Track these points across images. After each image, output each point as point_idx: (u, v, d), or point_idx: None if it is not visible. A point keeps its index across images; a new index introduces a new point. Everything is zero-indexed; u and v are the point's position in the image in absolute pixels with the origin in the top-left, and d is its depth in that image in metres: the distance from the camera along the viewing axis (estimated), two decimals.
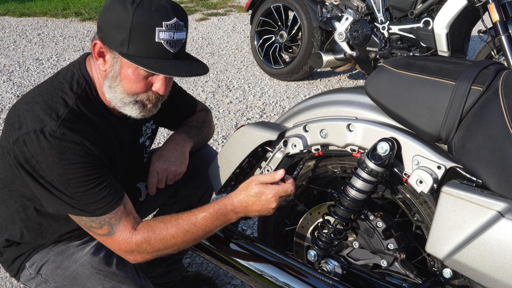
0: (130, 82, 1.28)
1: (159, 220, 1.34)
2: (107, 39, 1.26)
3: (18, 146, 1.24)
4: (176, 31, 1.24)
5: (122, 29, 1.22)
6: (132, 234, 1.31)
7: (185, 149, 1.62)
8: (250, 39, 4.63)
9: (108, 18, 1.25)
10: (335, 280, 1.35)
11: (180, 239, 1.32)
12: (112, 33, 1.24)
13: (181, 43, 1.27)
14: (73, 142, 1.24)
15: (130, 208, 1.35)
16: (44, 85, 1.35)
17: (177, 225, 1.32)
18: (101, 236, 1.33)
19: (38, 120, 1.24)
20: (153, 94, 1.32)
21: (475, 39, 5.17)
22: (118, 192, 1.32)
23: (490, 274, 1.03)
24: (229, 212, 1.33)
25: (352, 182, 1.29)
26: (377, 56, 3.62)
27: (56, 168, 1.24)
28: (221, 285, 2.05)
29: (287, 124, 1.49)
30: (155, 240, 1.31)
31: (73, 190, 1.26)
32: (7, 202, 1.44)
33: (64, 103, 1.28)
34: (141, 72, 1.27)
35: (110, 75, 1.30)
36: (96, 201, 1.28)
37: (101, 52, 1.29)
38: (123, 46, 1.23)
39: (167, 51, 1.24)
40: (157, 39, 1.22)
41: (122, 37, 1.22)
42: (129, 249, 1.32)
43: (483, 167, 1.05)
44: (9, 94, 4.10)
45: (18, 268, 1.48)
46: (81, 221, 1.32)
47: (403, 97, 1.21)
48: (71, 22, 6.77)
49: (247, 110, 3.78)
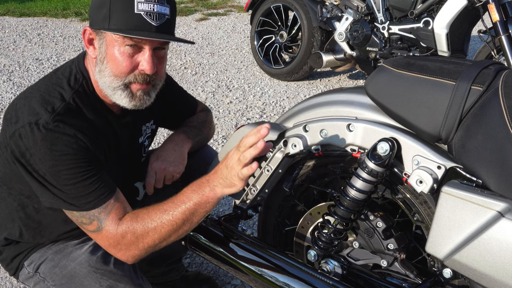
0: (116, 61, 1.29)
1: (140, 210, 1.32)
2: (93, 21, 1.30)
3: (14, 140, 1.25)
4: (156, 3, 1.27)
5: (103, 6, 1.27)
6: (117, 225, 1.30)
7: (184, 149, 1.62)
8: (250, 39, 4.63)
9: (94, 1, 1.31)
10: (335, 280, 1.35)
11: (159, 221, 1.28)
12: (95, 13, 1.29)
13: (164, 17, 1.29)
14: (66, 134, 1.24)
15: (122, 203, 1.34)
16: (43, 81, 1.36)
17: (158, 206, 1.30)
18: (91, 232, 1.32)
19: (33, 113, 1.25)
20: (140, 74, 1.32)
21: (475, 39, 5.17)
22: (109, 186, 1.31)
23: (490, 274, 1.03)
24: (203, 182, 1.29)
25: (352, 182, 1.29)
26: (377, 56, 3.62)
27: (48, 160, 1.24)
28: (221, 285, 2.05)
29: (287, 124, 1.49)
30: (137, 226, 1.28)
31: (63, 183, 1.26)
32: (6, 201, 1.44)
33: (61, 97, 1.29)
34: (125, 49, 1.28)
35: (98, 59, 1.32)
36: (86, 195, 1.27)
37: (91, 39, 1.33)
38: (105, 21, 1.26)
39: (148, 23, 1.26)
40: (136, 10, 1.25)
41: (103, 13, 1.26)
42: (115, 243, 1.30)
43: (483, 167, 1.05)
44: (9, 94, 4.10)
45: (17, 267, 1.48)
46: (73, 216, 1.32)
47: (403, 97, 1.21)
48: (71, 22, 6.77)
49: (247, 110, 3.78)
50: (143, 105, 1.37)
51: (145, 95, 1.35)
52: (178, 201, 1.29)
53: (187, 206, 1.28)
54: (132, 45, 1.27)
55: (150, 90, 1.36)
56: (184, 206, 1.28)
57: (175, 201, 1.30)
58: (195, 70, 4.69)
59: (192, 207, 1.29)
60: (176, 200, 1.30)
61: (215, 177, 1.28)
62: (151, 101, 1.39)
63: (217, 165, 1.29)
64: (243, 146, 1.21)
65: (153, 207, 1.31)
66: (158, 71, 1.35)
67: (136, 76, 1.32)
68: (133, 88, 1.33)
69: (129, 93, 1.33)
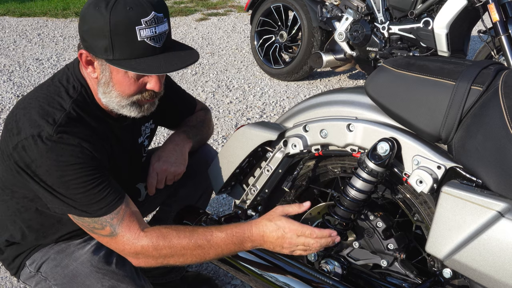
0: (123, 86, 1.28)
1: (172, 228, 1.31)
2: (91, 48, 1.24)
3: (17, 151, 1.25)
4: (157, 24, 1.22)
5: (102, 36, 1.20)
6: (138, 236, 1.29)
7: (185, 149, 1.62)
8: (250, 39, 4.63)
9: (87, 27, 1.23)
10: (335, 280, 1.35)
11: (189, 251, 1.29)
12: (94, 41, 1.22)
13: (165, 35, 1.25)
14: (71, 144, 1.24)
15: (134, 209, 1.34)
16: (41, 90, 1.35)
17: (191, 236, 1.29)
18: (104, 237, 1.33)
19: (35, 125, 1.24)
20: (147, 93, 1.32)
21: (475, 39, 5.17)
22: (118, 192, 1.32)
23: (490, 274, 1.03)
24: (245, 239, 1.30)
25: (352, 182, 1.29)
26: (377, 56, 3.62)
27: (55, 171, 1.24)
28: (221, 285, 2.05)
29: (287, 124, 1.49)
30: (164, 247, 1.28)
31: (73, 192, 1.26)
32: (7, 203, 1.44)
33: (60, 107, 1.28)
34: (131, 75, 1.26)
35: (102, 82, 1.30)
36: (97, 201, 1.28)
37: (89, 60, 1.28)
38: (107, 53, 1.21)
39: (153, 47, 1.23)
40: (140, 38, 1.20)
41: (104, 44, 1.21)
42: (133, 251, 1.30)
43: (483, 167, 1.05)
44: (9, 94, 4.10)
45: (18, 266, 1.48)
46: (84, 222, 1.32)
47: (403, 97, 1.21)
48: (71, 22, 6.77)
49: (247, 110, 3.78)
50: (149, 112, 1.39)
51: (151, 105, 1.38)
52: (214, 243, 1.29)
53: (221, 251, 1.31)
54: None
55: (155, 99, 1.38)
56: (219, 250, 1.30)
57: (211, 241, 1.29)
58: (195, 70, 4.69)
59: (225, 253, 1.32)
60: (211, 240, 1.29)
61: (262, 243, 1.30)
62: (155, 106, 1.41)
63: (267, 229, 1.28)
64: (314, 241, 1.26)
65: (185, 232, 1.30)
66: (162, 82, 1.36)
67: (143, 95, 1.32)
68: (141, 103, 1.34)
69: (137, 107, 1.34)
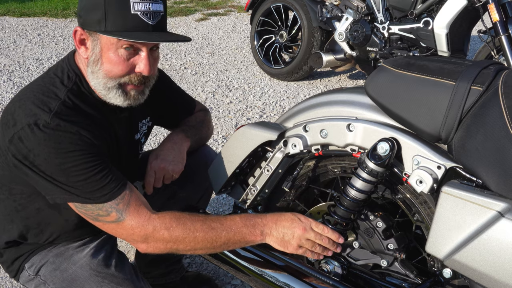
0: (112, 64, 1.28)
1: (184, 212, 1.32)
2: (86, 23, 1.27)
3: (14, 143, 1.24)
4: (152, 1, 1.25)
5: (97, 8, 1.24)
6: (149, 218, 1.29)
7: (183, 148, 1.61)
8: (250, 39, 4.63)
9: (84, 3, 1.27)
10: (335, 280, 1.35)
11: (202, 234, 1.29)
12: (89, 15, 1.26)
13: (159, 15, 1.28)
14: (69, 132, 1.24)
15: (139, 195, 1.33)
16: (35, 82, 1.35)
17: (204, 219, 1.31)
18: (110, 223, 1.30)
19: (31, 114, 1.24)
20: (135, 76, 1.32)
21: (475, 39, 5.17)
22: (121, 178, 1.31)
23: (490, 274, 1.03)
24: (257, 223, 1.32)
25: (352, 182, 1.29)
26: (377, 56, 3.62)
27: (54, 159, 1.23)
28: (221, 285, 2.05)
29: (287, 124, 1.49)
30: (177, 227, 1.28)
31: (75, 179, 1.25)
32: (5, 202, 1.44)
33: (55, 96, 1.28)
34: (122, 52, 1.27)
35: (91, 60, 1.30)
36: (100, 188, 1.27)
37: (82, 39, 1.31)
38: (100, 24, 1.24)
39: (145, 22, 1.25)
40: (133, 10, 1.23)
41: (98, 16, 1.24)
42: (143, 234, 1.28)
43: (483, 167, 1.05)
44: (9, 94, 4.09)
45: (18, 269, 1.48)
46: (87, 211, 1.30)
47: (403, 97, 1.21)
48: (71, 22, 6.77)
49: (247, 110, 3.78)
50: (137, 103, 1.38)
51: (139, 94, 1.36)
52: (227, 226, 1.31)
53: (233, 235, 1.31)
54: (129, 47, 1.27)
55: (143, 88, 1.37)
56: (232, 233, 1.31)
57: (224, 223, 1.31)
58: (195, 70, 4.69)
59: (237, 239, 1.32)
60: (225, 223, 1.31)
61: (273, 227, 1.32)
62: (145, 98, 1.40)
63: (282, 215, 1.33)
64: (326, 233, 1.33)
65: (198, 217, 1.32)
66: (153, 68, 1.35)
67: (131, 78, 1.32)
68: (127, 88, 1.34)
69: (123, 92, 1.33)
